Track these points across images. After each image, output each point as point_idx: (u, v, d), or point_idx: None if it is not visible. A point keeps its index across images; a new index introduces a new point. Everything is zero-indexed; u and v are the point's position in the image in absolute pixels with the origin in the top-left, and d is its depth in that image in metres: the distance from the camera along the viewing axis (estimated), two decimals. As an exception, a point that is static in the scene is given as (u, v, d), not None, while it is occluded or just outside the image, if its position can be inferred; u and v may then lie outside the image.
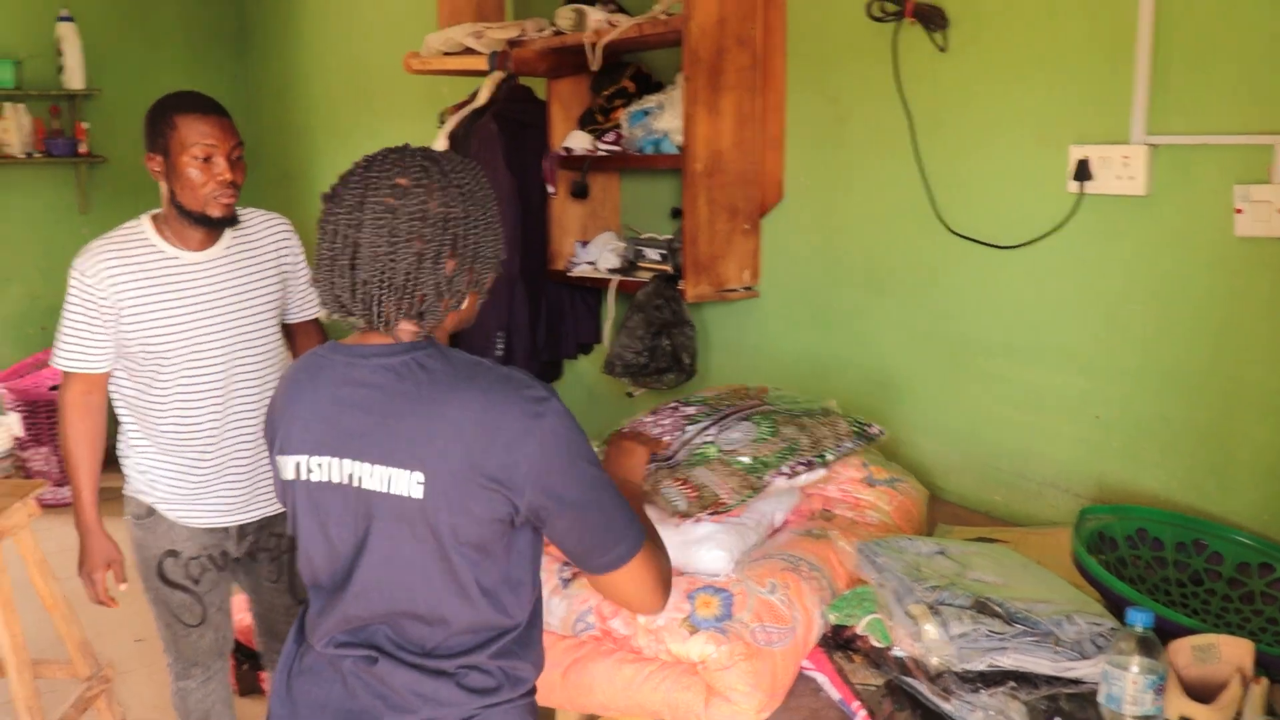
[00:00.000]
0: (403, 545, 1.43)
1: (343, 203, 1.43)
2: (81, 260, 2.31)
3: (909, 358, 2.51)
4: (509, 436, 1.37)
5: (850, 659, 1.67)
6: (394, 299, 1.40)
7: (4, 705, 3.35)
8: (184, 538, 2.48)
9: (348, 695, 1.48)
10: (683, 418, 1.94)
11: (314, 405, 1.47)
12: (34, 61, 5.84)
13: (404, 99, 4.54)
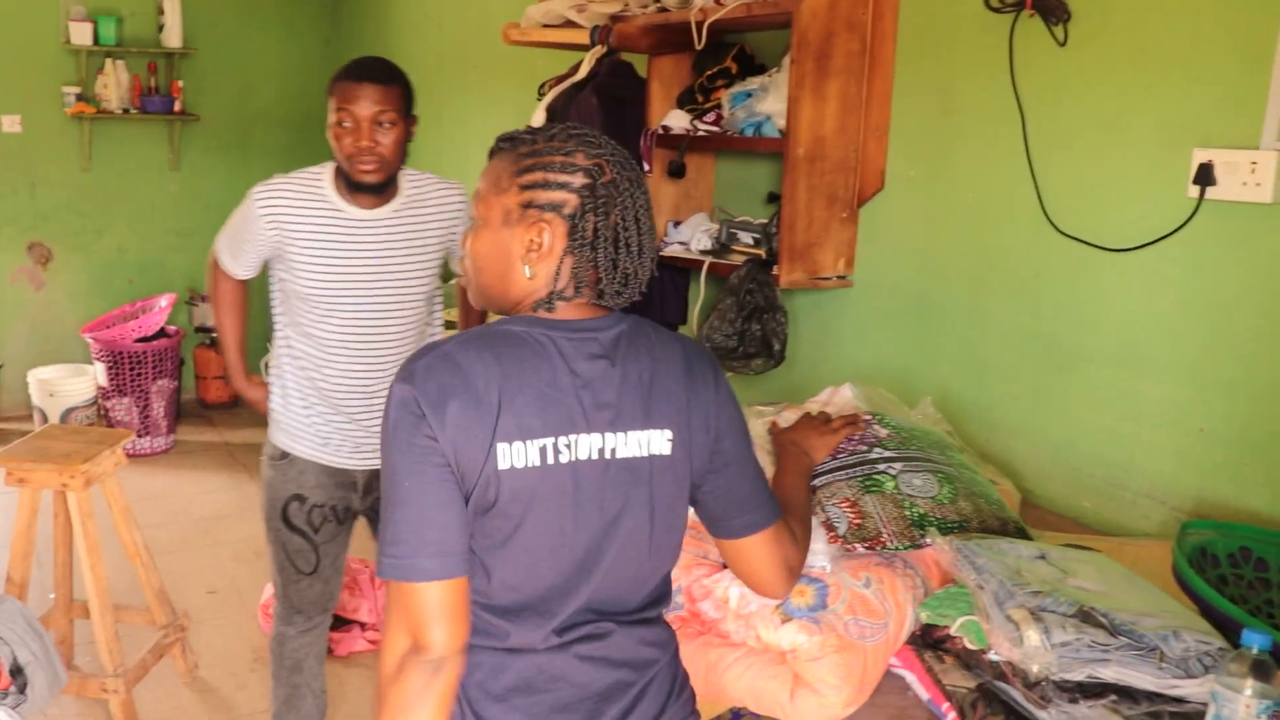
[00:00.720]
0: (637, 513, 1.44)
1: (619, 187, 1.42)
2: (259, 189, 2.45)
3: (1005, 357, 2.46)
4: (707, 385, 1.49)
5: (941, 659, 1.64)
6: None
7: (86, 645, 3.44)
8: (311, 484, 2.58)
9: (587, 681, 1.44)
10: (872, 437, 1.90)
11: (538, 388, 1.39)
12: (135, 19, 5.96)
13: (498, 70, 4.55)
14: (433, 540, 1.33)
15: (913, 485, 1.80)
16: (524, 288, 1.43)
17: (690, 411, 1.46)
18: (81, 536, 3.01)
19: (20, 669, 2.24)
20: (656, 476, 1.44)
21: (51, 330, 6.09)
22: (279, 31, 6.31)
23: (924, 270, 2.63)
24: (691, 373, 1.47)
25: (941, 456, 1.91)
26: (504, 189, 1.42)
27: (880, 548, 1.71)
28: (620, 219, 1.41)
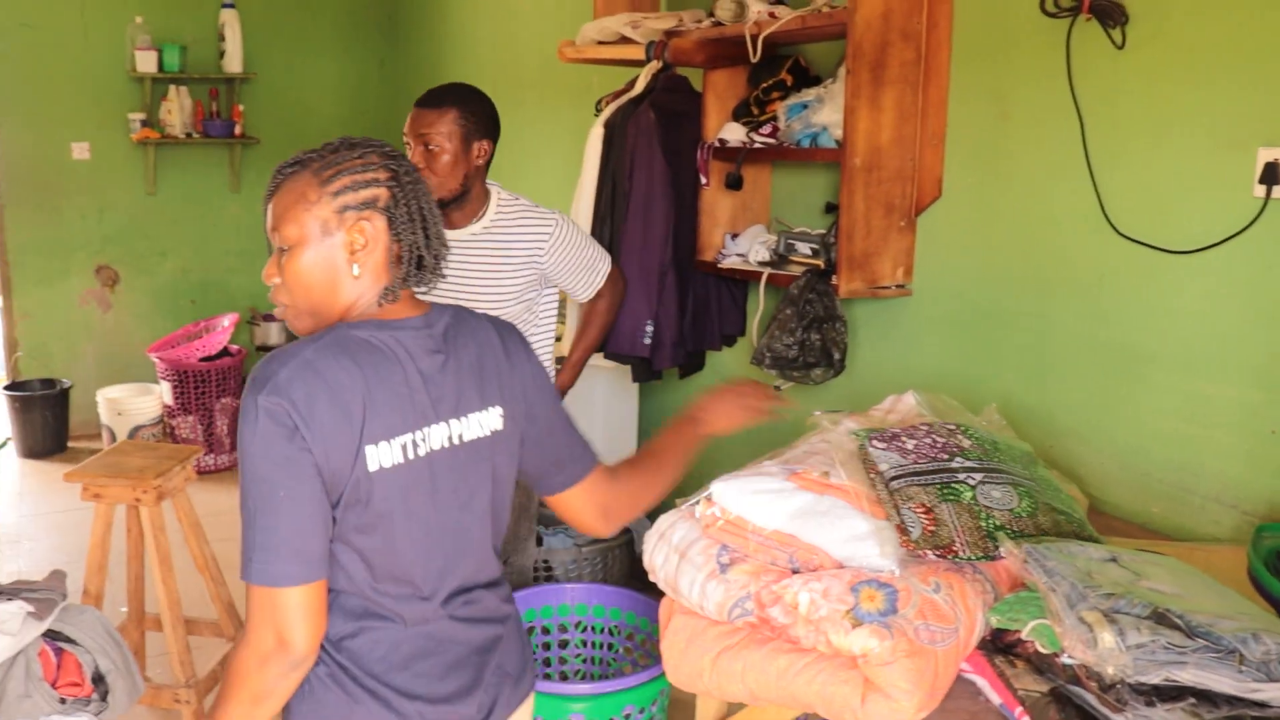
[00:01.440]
0: (482, 490, 1.59)
1: (412, 175, 1.55)
2: None
3: (1068, 363, 2.45)
4: (523, 356, 1.64)
5: (1012, 664, 1.64)
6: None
7: (156, 658, 3.51)
8: None
9: (469, 639, 1.60)
10: (955, 446, 1.90)
11: (388, 389, 1.46)
12: (197, 47, 6.10)
13: (553, 89, 4.59)
14: (298, 548, 1.39)
15: (991, 497, 1.80)
16: (352, 291, 1.50)
17: (511, 385, 1.61)
18: (153, 550, 3.07)
19: (102, 677, 2.30)
20: (497, 451, 1.58)
21: (118, 350, 6.23)
22: (336, 55, 6.42)
23: (983, 277, 2.62)
24: (508, 349, 1.62)
25: (1023, 471, 1.91)
26: (313, 202, 1.47)
27: (952, 556, 1.71)
28: (423, 203, 1.53)
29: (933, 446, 1.89)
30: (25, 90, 5.82)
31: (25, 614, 2.21)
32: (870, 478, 1.84)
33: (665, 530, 1.94)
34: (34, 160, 5.91)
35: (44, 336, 6.12)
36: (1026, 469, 1.93)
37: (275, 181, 1.52)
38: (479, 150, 2.49)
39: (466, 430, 1.53)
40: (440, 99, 2.46)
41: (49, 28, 5.81)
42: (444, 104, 2.45)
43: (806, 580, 1.71)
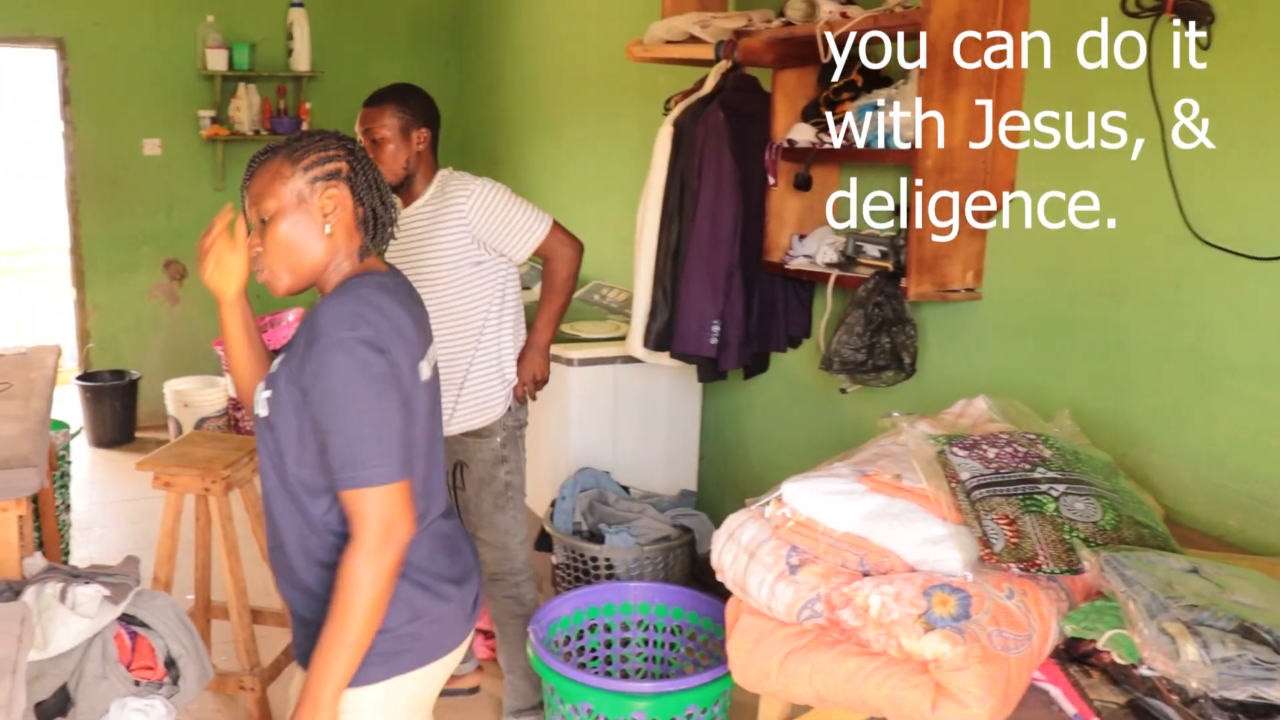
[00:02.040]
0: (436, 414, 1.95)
1: (363, 151, 1.86)
2: None
3: (1142, 370, 2.40)
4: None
5: (1088, 674, 1.61)
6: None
7: (221, 645, 3.56)
8: None
9: (454, 531, 1.98)
10: (1036, 456, 1.88)
11: (410, 316, 1.81)
12: (266, 45, 6.19)
13: (618, 88, 4.60)
14: (401, 448, 1.69)
15: (1074, 509, 1.77)
16: (326, 249, 1.78)
17: (429, 339, 1.91)
18: (221, 539, 3.12)
19: (174, 661, 2.34)
20: (435, 393, 1.90)
21: (185, 344, 6.34)
22: (402, 55, 6.49)
23: (1055, 281, 2.58)
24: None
25: (1105, 482, 1.88)
26: (288, 177, 1.75)
27: (1035, 569, 1.68)
28: (375, 174, 1.83)
29: (1014, 456, 1.86)
30: (100, 88, 5.95)
31: (102, 598, 2.26)
32: (950, 486, 1.82)
33: (734, 530, 1.93)
34: (107, 156, 6.03)
35: (114, 329, 6.25)
36: (1108, 480, 1.89)
37: (251, 169, 1.79)
38: (418, 138, 2.87)
39: (428, 367, 1.84)
40: (380, 98, 2.87)
41: (123, 27, 5.93)
42: (383, 102, 2.85)
43: (878, 583, 1.70)
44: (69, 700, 2.21)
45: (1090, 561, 1.63)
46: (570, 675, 2.46)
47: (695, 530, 3.48)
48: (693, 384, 3.86)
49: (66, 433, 4.02)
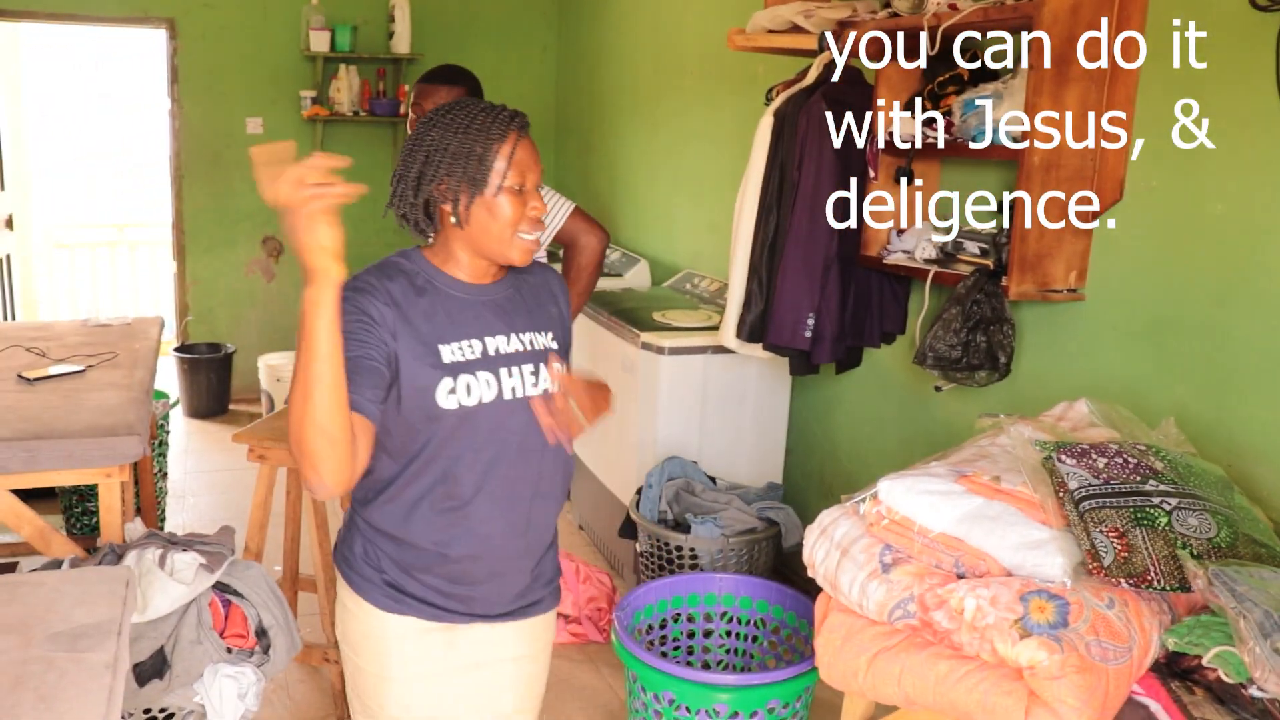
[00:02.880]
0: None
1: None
2: None
3: (1253, 378, 2.32)
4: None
5: (1191, 691, 1.57)
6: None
7: (308, 617, 3.63)
8: None
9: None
10: (1147, 467, 1.83)
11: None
12: (367, 28, 6.28)
13: (716, 76, 4.58)
14: None
15: (1187, 524, 1.71)
16: None
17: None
18: (311, 513, 3.18)
19: (265, 631, 2.39)
20: None
21: (280, 319, 6.47)
22: (500, 40, 6.53)
23: (1163, 285, 2.51)
24: None
25: (1220, 497, 1.81)
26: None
27: (1146, 585, 1.63)
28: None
29: (1124, 467, 1.80)
30: (206, 68, 6.09)
31: (199, 565, 2.32)
32: (1059, 495, 1.77)
33: (827, 526, 1.92)
34: (211, 134, 6.18)
35: (211, 302, 6.40)
36: (1223, 495, 1.83)
37: (522, 131, 1.73)
38: None
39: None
40: (453, 78, 2.88)
41: (231, 8, 6.06)
42: (457, 83, 2.86)
43: (973, 586, 1.67)
44: (165, 663, 2.27)
45: (1197, 575, 1.58)
46: (654, 664, 2.46)
47: (781, 524, 3.46)
48: (782, 376, 3.83)
49: (166, 403, 4.13)
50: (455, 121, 1.71)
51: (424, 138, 1.72)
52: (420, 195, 1.73)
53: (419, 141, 1.72)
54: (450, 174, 1.69)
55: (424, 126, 1.73)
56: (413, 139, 1.74)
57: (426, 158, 1.71)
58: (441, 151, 1.70)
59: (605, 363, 4.05)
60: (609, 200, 5.92)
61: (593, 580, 3.87)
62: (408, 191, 1.74)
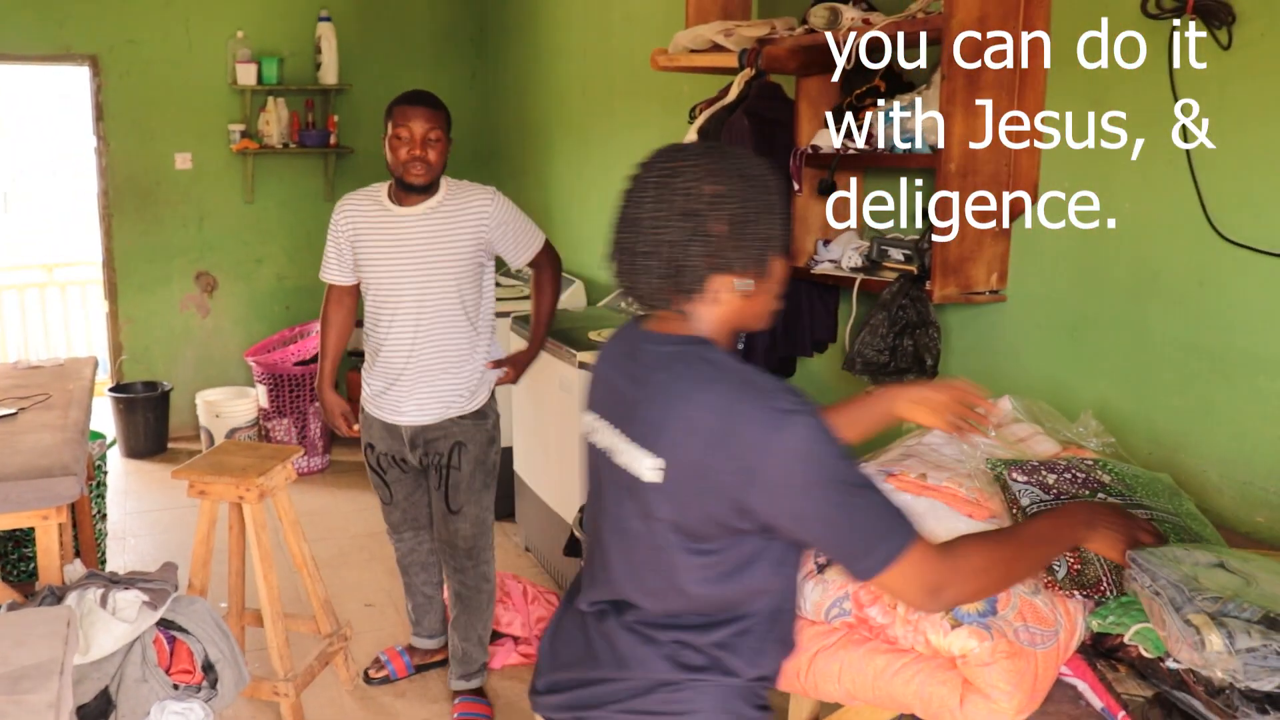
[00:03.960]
0: (632, 522, 1.56)
1: (629, 191, 1.57)
2: (338, 204, 3.27)
3: (1167, 370, 2.41)
4: (744, 447, 1.42)
5: (1115, 668, 1.63)
6: (664, 272, 1.50)
7: (254, 653, 3.61)
8: (377, 436, 3.33)
9: (586, 644, 1.68)
10: (1095, 481, 1.87)
11: (607, 373, 1.70)
12: (294, 59, 6.28)
13: (643, 97, 4.64)
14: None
15: None
16: None
17: (701, 460, 1.49)
18: (255, 546, 3.17)
19: (211, 665, 2.38)
20: (639, 497, 1.59)
21: (216, 355, 6.43)
22: (428, 68, 6.54)
23: (1079, 282, 2.60)
24: (720, 429, 1.48)
25: (1168, 504, 1.88)
26: None
27: (1100, 597, 1.68)
28: (620, 219, 1.63)
29: (1073, 481, 1.86)
30: (132, 104, 6.04)
31: (141, 603, 2.31)
32: (1012, 511, 1.81)
33: (762, 530, 1.95)
34: (139, 171, 6.13)
35: (146, 341, 6.34)
36: (1171, 502, 1.90)
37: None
38: (448, 145, 3.11)
39: (620, 453, 1.64)
40: (435, 102, 3.08)
41: (155, 44, 6.03)
42: (439, 106, 3.07)
43: (905, 580, 1.71)
44: (110, 703, 2.26)
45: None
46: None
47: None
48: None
49: (103, 442, 4.08)
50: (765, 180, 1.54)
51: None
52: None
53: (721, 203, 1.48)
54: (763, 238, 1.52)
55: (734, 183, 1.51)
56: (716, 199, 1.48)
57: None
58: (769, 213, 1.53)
59: (543, 383, 4.08)
60: (542, 223, 5.91)
61: (541, 600, 3.89)
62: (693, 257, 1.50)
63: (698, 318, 1.55)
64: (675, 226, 1.48)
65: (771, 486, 1.43)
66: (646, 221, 1.51)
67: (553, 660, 1.76)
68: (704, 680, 1.57)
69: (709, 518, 1.48)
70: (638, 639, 1.60)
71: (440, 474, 3.26)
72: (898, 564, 1.45)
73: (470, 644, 3.42)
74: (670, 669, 1.57)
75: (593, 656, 1.66)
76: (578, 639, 1.71)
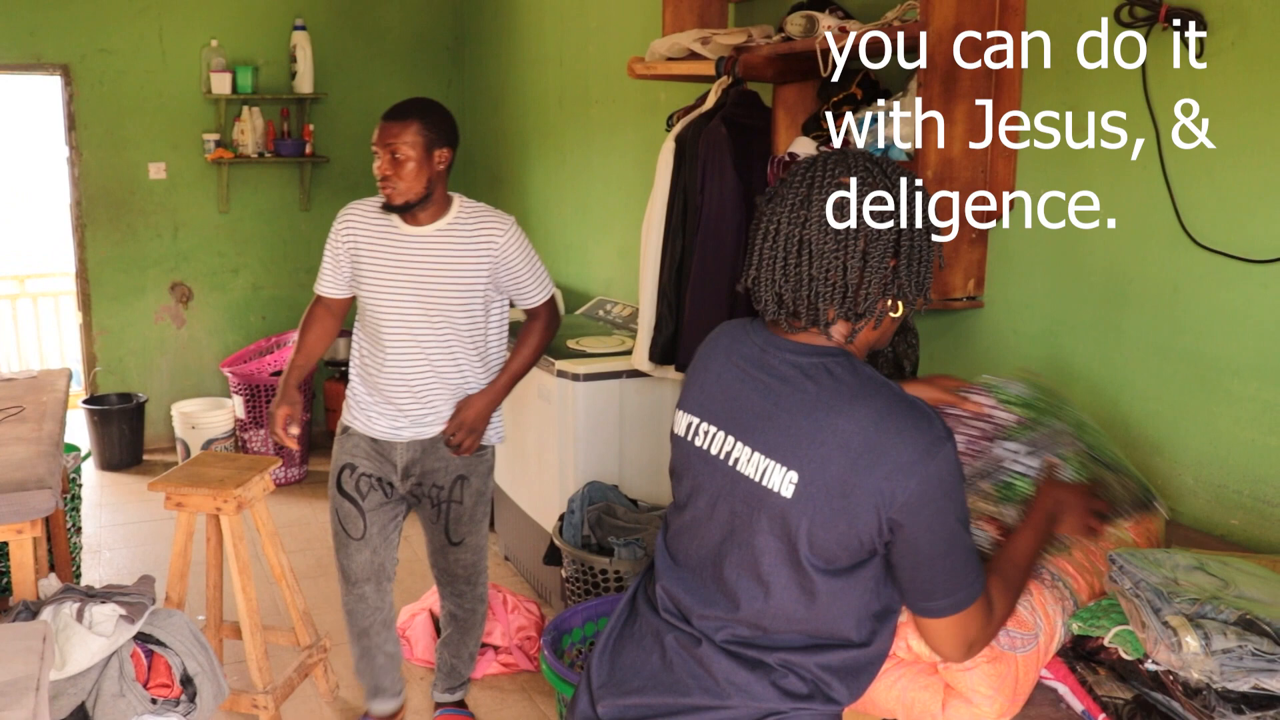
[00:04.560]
0: (759, 538, 1.50)
1: (785, 201, 1.50)
2: (342, 211, 3.00)
3: (1143, 375, 2.43)
4: (893, 466, 1.41)
5: (1095, 670, 1.64)
6: (839, 294, 1.46)
7: (233, 665, 3.58)
8: (361, 454, 3.03)
9: (664, 667, 1.58)
10: (998, 426, 1.86)
11: (720, 376, 1.59)
12: (269, 68, 6.25)
13: (620, 105, 4.65)
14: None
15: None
16: None
17: (847, 475, 1.47)
18: (233, 558, 3.15)
19: (190, 679, 2.37)
20: (770, 512, 1.54)
21: (192, 366, 6.39)
22: (404, 76, 6.54)
23: (1056, 289, 2.62)
24: (873, 445, 1.47)
25: (1072, 438, 1.90)
26: None
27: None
28: (774, 231, 1.55)
29: (980, 437, 1.85)
30: (105, 114, 6.01)
31: (118, 617, 2.29)
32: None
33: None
34: (113, 181, 6.09)
35: (121, 352, 6.29)
36: (1073, 426, 1.92)
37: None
38: (439, 157, 2.83)
39: (745, 463, 1.56)
40: (405, 112, 2.80)
41: (128, 53, 5.99)
42: (408, 117, 2.79)
43: (886, 586, 1.72)
44: (87, 719, 2.24)
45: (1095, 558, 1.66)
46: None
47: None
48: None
49: (77, 455, 4.05)
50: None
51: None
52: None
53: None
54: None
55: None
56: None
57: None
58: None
59: (522, 393, 4.07)
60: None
61: (521, 609, 3.88)
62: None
63: (847, 335, 1.53)
64: (854, 251, 1.45)
65: (911, 510, 1.42)
66: (815, 241, 1.46)
67: (615, 683, 1.63)
68: (808, 710, 1.53)
69: (840, 536, 1.45)
70: (740, 664, 1.53)
71: (440, 508, 3.07)
72: (963, 613, 1.49)
73: (460, 660, 3.36)
74: (778, 697, 1.52)
75: (677, 682, 1.56)
76: (651, 660, 1.61)
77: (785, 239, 1.47)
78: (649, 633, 1.63)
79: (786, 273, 1.47)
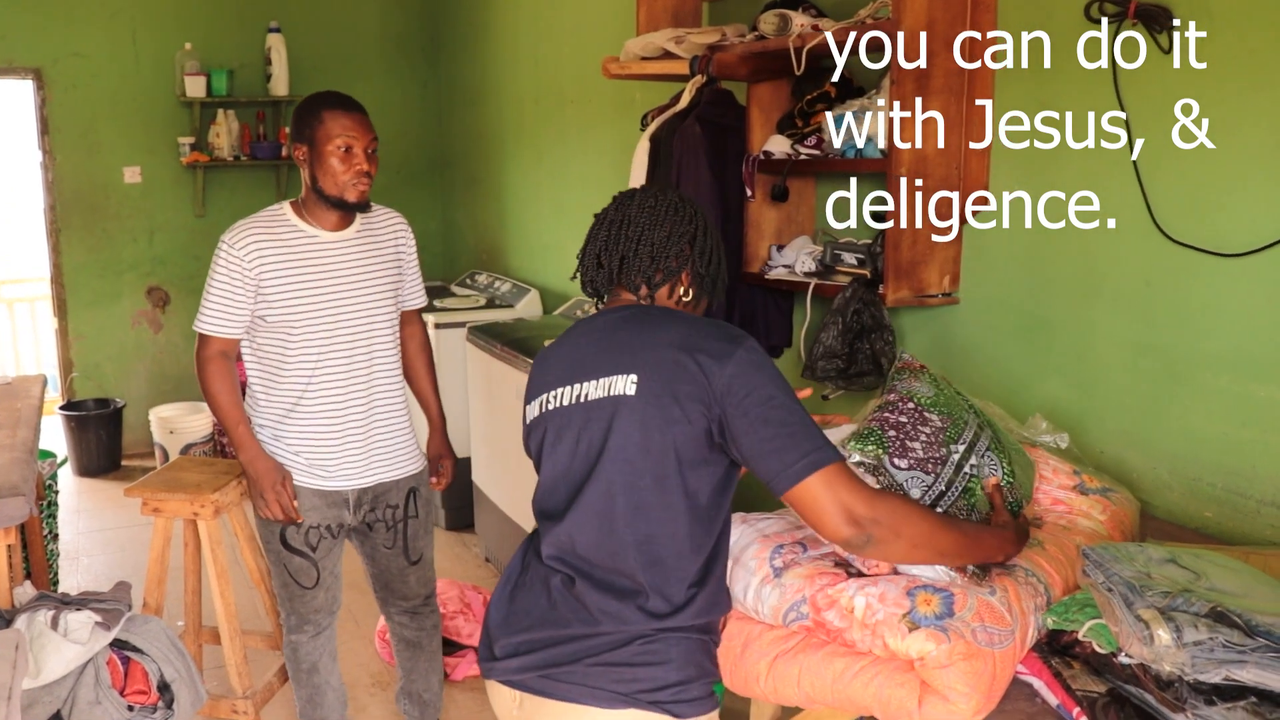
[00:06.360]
0: (625, 437, 1.69)
1: (608, 212, 1.87)
2: (230, 236, 2.69)
3: (1117, 369, 2.44)
4: (707, 355, 1.65)
5: (1069, 664, 1.64)
6: (648, 262, 1.80)
7: (212, 670, 3.56)
8: (307, 508, 2.78)
9: (550, 606, 1.75)
10: (936, 432, 1.87)
11: (560, 358, 1.84)
12: (244, 70, 6.23)
13: (595, 106, 4.64)
14: None
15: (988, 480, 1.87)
16: None
17: (671, 373, 1.72)
18: (211, 563, 3.12)
19: (167, 685, 2.35)
20: (624, 412, 1.75)
21: (169, 370, 6.35)
22: (379, 78, 6.51)
23: (1030, 284, 2.63)
24: (686, 345, 1.73)
25: (979, 419, 1.97)
26: None
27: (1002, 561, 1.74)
28: (596, 230, 1.92)
29: (931, 444, 1.86)
30: (78, 118, 5.97)
31: (94, 624, 2.27)
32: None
33: (719, 535, 1.95)
34: (87, 185, 6.05)
35: (97, 357, 6.25)
36: (980, 417, 1.98)
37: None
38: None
39: (593, 390, 1.76)
40: (357, 103, 2.70)
41: (101, 57, 5.96)
42: (365, 113, 2.71)
43: (862, 584, 1.72)
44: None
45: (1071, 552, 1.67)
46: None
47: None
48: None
49: (53, 462, 4.02)
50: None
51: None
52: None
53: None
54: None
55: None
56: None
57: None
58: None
59: (499, 393, 4.07)
60: (497, 232, 5.94)
61: (503, 610, 3.86)
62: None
63: (646, 297, 1.85)
64: (662, 226, 1.82)
65: (732, 390, 1.63)
66: (633, 223, 1.83)
67: (508, 625, 1.80)
68: (674, 632, 1.68)
69: (688, 431, 1.65)
70: (610, 594, 1.70)
71: (396, 528, 2.90)
72: (824, 471, 1.59)
73: (432, 693, 3.18)
74: (644, 619, 1.67)
75: (559, 618, 1.73)
76: (540, 602, 1.77)
77: (607, 229, 1.84)
78: (538, 580, 1.78)
79: (609, 252, 1.83)
